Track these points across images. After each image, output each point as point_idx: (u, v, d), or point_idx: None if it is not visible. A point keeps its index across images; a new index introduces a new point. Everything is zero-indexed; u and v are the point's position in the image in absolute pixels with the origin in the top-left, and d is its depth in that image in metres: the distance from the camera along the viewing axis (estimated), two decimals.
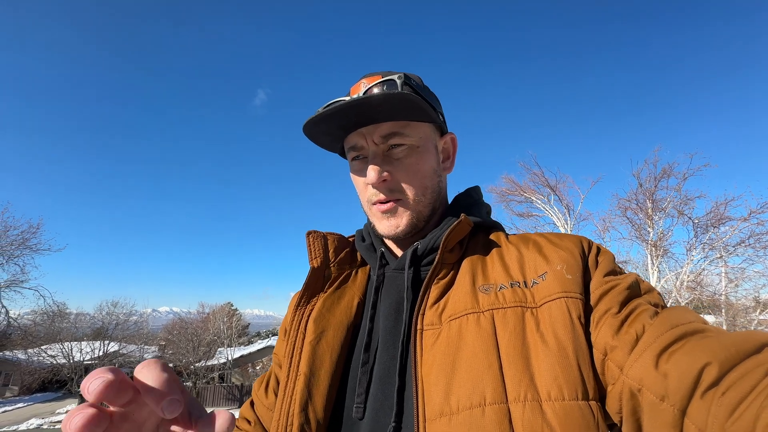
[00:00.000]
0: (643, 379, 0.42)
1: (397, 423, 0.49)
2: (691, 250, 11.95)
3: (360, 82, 0.63)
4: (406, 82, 0.60)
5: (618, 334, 0.46)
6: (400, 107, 0.57)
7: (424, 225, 0.64)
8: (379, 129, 0.60)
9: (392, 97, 0.55)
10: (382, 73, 0.63)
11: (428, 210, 0.64)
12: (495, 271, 0.57)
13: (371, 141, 0.61)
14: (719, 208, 11.45)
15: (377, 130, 0.61)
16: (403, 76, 0.60)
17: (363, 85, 0.61)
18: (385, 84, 0.59)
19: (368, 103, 0.56)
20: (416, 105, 0.57)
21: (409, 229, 0.63)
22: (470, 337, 0.50)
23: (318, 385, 0.56)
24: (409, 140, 0.61)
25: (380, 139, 0.61)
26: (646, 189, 12.61)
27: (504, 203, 15.91)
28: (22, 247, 17.41)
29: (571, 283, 0.52)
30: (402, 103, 0.56)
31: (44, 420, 19.69)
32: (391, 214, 0.62)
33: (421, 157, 0.62)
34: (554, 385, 0.45)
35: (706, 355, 0.39)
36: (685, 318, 0.45)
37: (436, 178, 0.65)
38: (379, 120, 0.60)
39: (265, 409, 0.70)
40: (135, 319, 27.14)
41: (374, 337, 0.59)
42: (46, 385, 26.81)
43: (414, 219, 0.63)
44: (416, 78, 0.66)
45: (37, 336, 21.64)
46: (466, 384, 0.46)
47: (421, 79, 0.68)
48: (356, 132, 0.62)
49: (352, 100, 0.55)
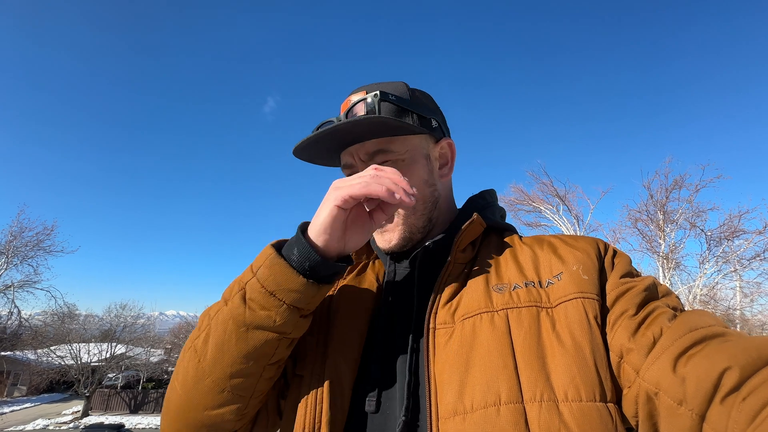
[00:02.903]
0: (660, 383, 0.42)
1: (408, 418, 0.49)
2: (704, 263, 11.69)
3: (348, 99, 0.64)
4: (383, 99, 0.61)
5: (634, 337, 0.46)
6: (376, 129, 0.59)
7: (421, 236, 0.65)
8: (364, 147, 0.62)
9: (360, 123, 0.56)
10: (368, 89, 0.64)
11: (422, 221, 0.64)
12: (509, 271, 0.57)
13: (358, 158, 0.63)
14: (733, 220, 11.23)
15: (362, 149, 0.62)
16: (379, 93, 0.61)
17: (349, 102, 0.63)
18: (364, 103, 0.61)
19: (343, 130, 0.58)
20: (388, 124, 0.57)
21: (402, 242, 0.63)
22: (484, 336, 0.49)
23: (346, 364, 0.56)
24: (394, 155, 0.62)
25: (366, 157, 0.63)
26: (657, 200, 12.42)
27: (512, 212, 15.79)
28: (36, 249, 17.72)
29: (588, 283, 0.52)
30: (373, 126, 0.58)
31: (50, 421, 19.81)
32: (384, 229, 0.64)
33: (408, 170, 0.62)
34: (571, 385, 0.44)
35: (727, 359, 0.38)
36: (704, 321, 0.44)
37: (428, 188, 0.65)
38: (363, 139, 0.62)
39: None
40: (142, 321, 27.32)
41: (386, 333, 0.59)
42: (54, 386, 27.03)
43: (406, 233, 0.63)
44: (399, 89, 0.65)
45: (46, 336, 21.90)
46: (481, 383, 0.46)
47: (406, 86, 0.66)
48: (346, 151, 0.64)
49: (325, 131, 0.57)
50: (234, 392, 0.52)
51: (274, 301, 0.50)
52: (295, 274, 0.50)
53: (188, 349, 0.55)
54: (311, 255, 0.51)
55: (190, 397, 0.53)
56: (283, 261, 0.50)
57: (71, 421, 19.94)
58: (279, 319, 0.50)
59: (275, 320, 0.50)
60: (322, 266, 0.51)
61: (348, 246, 0.55)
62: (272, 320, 0.50)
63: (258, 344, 0.50)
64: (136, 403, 23.00)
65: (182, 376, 0.54)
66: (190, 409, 0.53)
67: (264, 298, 0.50)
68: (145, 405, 22.89)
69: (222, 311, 0.52)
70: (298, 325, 0.53)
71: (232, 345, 0.51)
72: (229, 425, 0.54)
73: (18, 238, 17.29)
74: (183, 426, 0.54)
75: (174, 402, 0.55)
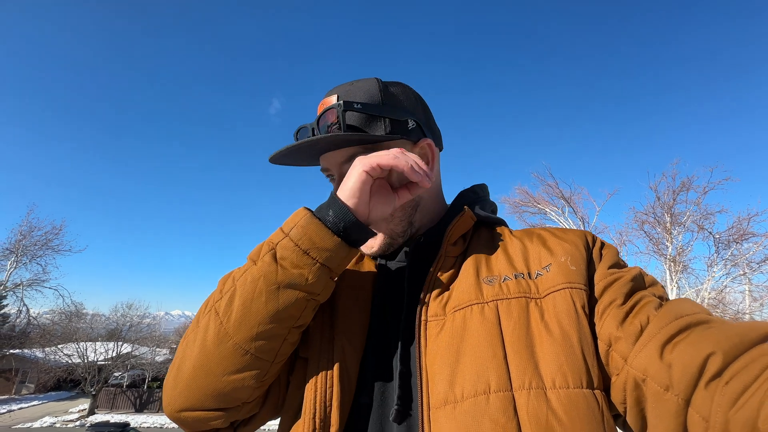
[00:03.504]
0: (648, 370, 0.42)
1: (400, 407, 0.50)
2: (713, 267, 11.54)
3: (322, 102, 0.63)
4: (347, 109, 0.58)
5: (622, 325, 0.47)
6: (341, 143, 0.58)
7: (402, 240, 0.65)
8: (337, 155, 0.62)
9: (322, 141, 0.56)
10: (340, 92, 0.62)
11: (402, 226, 0.64)
12: (499, 263, 0.58)
13: (334, 164, 0.63)
14: (742, 223, 11.08)
15: (337, 155, 0.62)
16: (343, 104, 0.58)
17: (322, 107, 0.62)
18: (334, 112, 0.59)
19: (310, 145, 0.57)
20: (352, 141, 0.58)
21: (384, 248, 0.64)
22: (474, 327, 0.50)
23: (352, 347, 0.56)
24: None
25: (339, 165, 0.63)
26: (665, 202, 12.30)
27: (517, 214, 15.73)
28: (45, 248, 17.99)
29: (576, 274, 0.52)
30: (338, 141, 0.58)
31: (57, 419, 20.03)
32: None
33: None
34: (559, 373, 0.45)
35: (711, 345, 0.39)
36: (689, 309, 0.45)
37: None
38: (334, 148, 0.61)
39: None
40: (148, 321, 27.59)
41: (380, 324, 0.59)
42: (61, 384, 27.37)
43: (387, 239, 0.64)
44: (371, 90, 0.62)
45: (54, 335, 22.19)
46: (471, 372, 0.47)
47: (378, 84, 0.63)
48: (323, 156, 0.64)
49: (294, 146, 0.58)
50: (257, 355, 0.50)
51: (308, 259, 0.50)
52: (330, 233, 0.51)
53: (207, 312, 0.53)
54: (347, 216, 0.52)
55: (209, 361, 0.50)
56: (318, 221, 0.51)
57: (78, 419, 20.16)
58: (312, 277, 0.50)
59: (308, 278, 0.50)
60: (355, 228, 0.53)
61: (372, 214, 0.56)
62: (305, 278, 0.50)
63: (288, 303, 0.50)
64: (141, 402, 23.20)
65: (200, 341, 0.51)
66: (208, 374, 0.50)
67: (297, 257, 0.50)
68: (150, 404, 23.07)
69: (251, 271, 0.51)
70: (327, 286, 0.53)
71: (260, 304, 0.49)
72: (247, 392, 0.51)
73: (27, 238, 17.58)
74: (198, 395, 0.51)
75: (187, 370, 0.51)
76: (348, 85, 0.63)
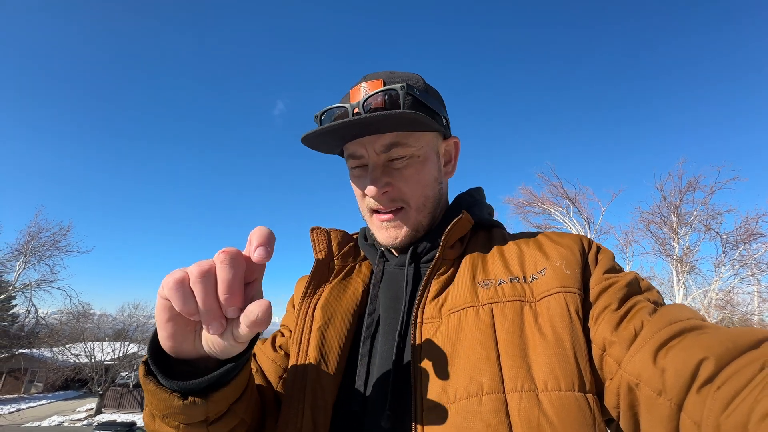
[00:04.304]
0: (641, 374, 0.42)
1: (394, 410, 0.50)
2: (720, 267, 11.43)
3: (360, 86, 0.61)
4: (408, 92, 0.58)
5: (617, 330, 0.47)
6: (401, 122, 0.56)
7: (424, 233, 0.65)
8: (380, 139, 0.59)
9: (393, 117, 0.54)
10: (384, 78, 0.61)
11: (428, 219, 0.64)
12: (495, 266, 0.58)
13: (372, 151, 0.61)
14: (750, 223, 10.97)
15: (378, 141, 0.60)
16: (406, 86, 0.57)
17: (362, 90, 0.60)
18: (386, 94, 0.57)
19: (370, 121, 0.55)
20: (418, 121, 0.56)
21: (408, 240, 0.63)
22: (469, 330, 0.51)
23: (327, 370, 0.56)
24: (410, 150, 0.60)
25: (381, 149, 0.60)
26: (671, 202, 12.21)
27: (521, 215, 15.68)
28: (53, 249, 18.22)
29: (570, 278, 0.52)
30: (403, 120, 0.56)
31: (65, 418, 20.26)
32: (391, 225, 0.63)
33: (422, 167, 0.62)
34: (551, 376, 0.45)
35: (703, 350, 0.39)
36: (683, 315, 0.45)
37: (437, 186, 0.65)
38: (380, 131, 0.59)
39: (270, 361, 0.66)
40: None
41: (373, 330, 0.60)
42: (69, 384, 27.67)
43: (413, 230, 0.63)
44: (418, 82, 0.64)
45: (62, 335, 22.47)
46: (464, 374, 0.47)
47: (422, 80, 0.65)
48: (357, 141, 0.61)
49: (354, 120, 0.54)
50: None
51: (172, 421, 0.45)
52: (168, 394, 0.42)
53: None
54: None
55: None
56: (151, 383, 0.42)
57: (85, 419, 20.38)
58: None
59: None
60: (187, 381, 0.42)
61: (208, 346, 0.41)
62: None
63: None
64: None
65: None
66: None
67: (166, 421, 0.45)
68: None
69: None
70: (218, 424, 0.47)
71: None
72: None
73: (35, 239, 17.82)
74: None
75: None
76: (389, 74, 0.62)
